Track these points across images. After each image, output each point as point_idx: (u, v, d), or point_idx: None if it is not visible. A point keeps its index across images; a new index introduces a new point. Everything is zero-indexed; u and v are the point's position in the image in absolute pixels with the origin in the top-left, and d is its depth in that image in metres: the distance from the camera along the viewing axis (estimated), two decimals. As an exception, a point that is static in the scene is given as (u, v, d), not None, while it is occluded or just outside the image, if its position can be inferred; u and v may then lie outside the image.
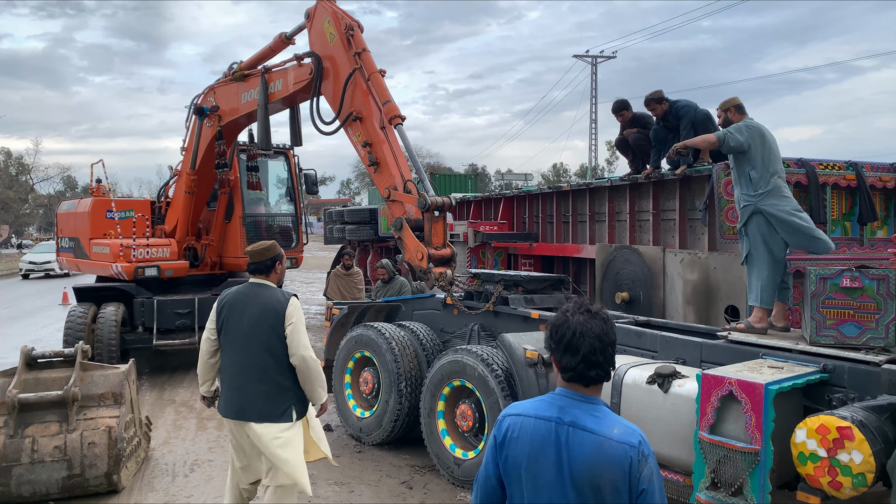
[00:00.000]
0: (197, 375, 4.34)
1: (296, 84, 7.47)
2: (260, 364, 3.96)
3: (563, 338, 2.00)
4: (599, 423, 1.95)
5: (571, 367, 1.99)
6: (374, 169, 6.51)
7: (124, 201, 11.03)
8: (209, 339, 4.14)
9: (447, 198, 6.06)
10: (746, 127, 4.67)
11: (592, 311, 2.03)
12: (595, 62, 40.47)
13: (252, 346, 3.97)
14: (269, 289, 4.11)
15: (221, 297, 4.14)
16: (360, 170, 68.86)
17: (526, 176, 45.88)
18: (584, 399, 2.00)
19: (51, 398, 5.18)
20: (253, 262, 4.14)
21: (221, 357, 4.13)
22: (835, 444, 3.20)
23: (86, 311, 9.13)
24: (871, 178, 6.27)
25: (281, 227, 11.18)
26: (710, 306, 6.25)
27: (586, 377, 1.98)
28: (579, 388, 2.01)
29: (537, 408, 2.05)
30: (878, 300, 3.89)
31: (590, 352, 1.96)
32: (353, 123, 6.64)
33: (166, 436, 6.93)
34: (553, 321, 2.07)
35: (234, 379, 4.01)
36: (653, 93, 7.33)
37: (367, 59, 6.58)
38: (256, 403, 3.94)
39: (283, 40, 8.02)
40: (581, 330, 1.98)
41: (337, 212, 17.31)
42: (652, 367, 4.18)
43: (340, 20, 6.78)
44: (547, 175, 71.58)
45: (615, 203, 8.16)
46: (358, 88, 6.59)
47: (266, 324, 3.97)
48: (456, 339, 6.39)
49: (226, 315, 4.06)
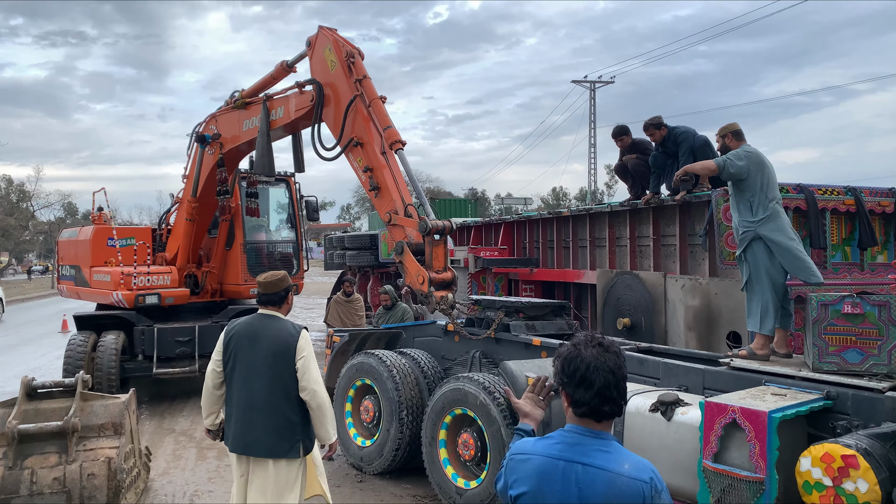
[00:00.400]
0: (198, 405, 4.32)
1: (297, 111, 7.55)
2: (269, 398, 3.86)
3: (577, 371, 1.95)
4: (610, 460, 1.90)
5: (585, 402, 1.94)
6: (376, 194, 6.56)
7: (126, 229, 11.06)
8: (215, 371, 4.02)
9: (448, 221, 6.08)
10: (745, 154, 4.70)
11: (605, 345, 1.99)
12: (593, 87, 40.81)
13: (261, 379, 3.87)
14: (280, 321, 4.02)
15: (229, 329, 4.03)
16: (360, 195, 69.14)
17: (526, 200, 46.04)
18: (593, 435, 1.96)
19: (50, 429, 5.14)
20: (264, 293, 4.03)
21: (228, 390, 4.01)
22: (840, 472, 3.18)
23: (86, 340, 9.10)
24: (870, 202, 6.30)
25: (282, 254, 11.19)
26: (711, 332, 6.24)
27: (600, 412, 1.94)
28: (590, 424, 1.97)
29: (546, 447, 1.99)
30: (880, 326, 3.88)
31: (604, 386, 1.92)
32: (355, 149, 6.70)
33: (166, 466, 6.87)
34: (565, 354, 2.02)
35: (243, 413, 3.90)
36: (652, 118, 7.40)
37: (368, 86, 6.66)
38: (265, 439, 3.85)
39: (284, 68, 8.11)
40: (595, 364, 1.94)
41: (337, 237, 17.33)
42: (655, 394, 4.16)
43: (341, 48, 6.88)
44: (547, 199, 71.83)
45: (615, 228, 8.18)
46: (359, 115, 6.66)
47: (277, 357, 3.88)
48: (457, 366, 6.36)
49: (234, 347, 3.95)
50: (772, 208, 4.65)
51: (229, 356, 3.95)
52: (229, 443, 3.98)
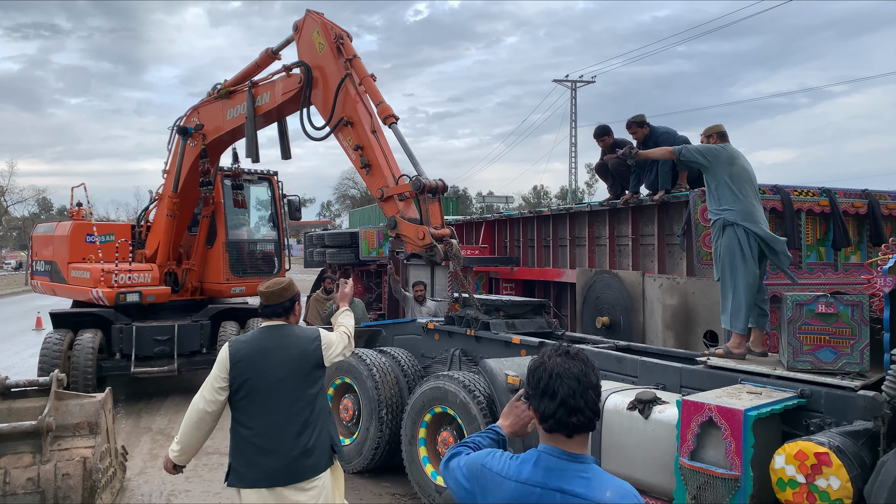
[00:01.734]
0: (176, 403, 4.06)
1: (284, 94, 7.53)
2: (298, 417, 3.43)
3: (540, 381, 1.86)
4: (591, 487, 1.77)
5: (550, 414, 1.82)
6: (367, 171, 6.57)
7: (105, 225, 10.92)
8: (217, 400, 3.43)
9: (440, 180, 6.06)
10: (707, 148, 4.82)
11: (571, 353, 1.89)
12: (575, 87, 41.00)
13: (286, 399, 3.43)
14: (292, 330, 3.60)
15: (234, 351, 3.47)
16: (340, 191, 68.93)
17: (507, 198, 46.16)
18: (570, 458, 1.82)
19: (24, 428, 5.06)
20: (268, 305, 3.58)
21: (239, 418, 3.45)
22: (813, 469, 3.23)
23: (62, 338, 8.97)
24: (844, 203, 6.41)
25: (263, 253, 11.13)
26: (689, 331, 6.31)
27: (567, 425, 1.81)
28: (562, 442, 1.84)
29: (519, 470, 1.86)
30: (853, 325, 3.95)
31: (568, 395, 1.80)
32: (344, 128, 6.72)
33: (142, 465, 6.81)
34: (530, 365, 1.94)
35: (268, 442, 3.38)
36: (635, 116, 7.45)
37: (358, 65, 6.72)
38: (305, 461, 3.40)
39: (269, 55, 8.09)
40: (558, 371, 1.84)
41: (317, 235, 17.25)
42: (632, 392, 4.19)
43: (330, 30, 6.92)
44: (528, 197, 72.11)
45: (595, 228, 8.24)
46: (348, 95, 6.69)
47: (303, 371, 3.49)
48: (437, 364, 6.37)
49: (246, 370, 3.42)
50: (740, 202, 4.68)
51: (239, 381, 3.42)
52: (251, 480, 3.37)
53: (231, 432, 3.48)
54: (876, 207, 6.54)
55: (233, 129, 8.64)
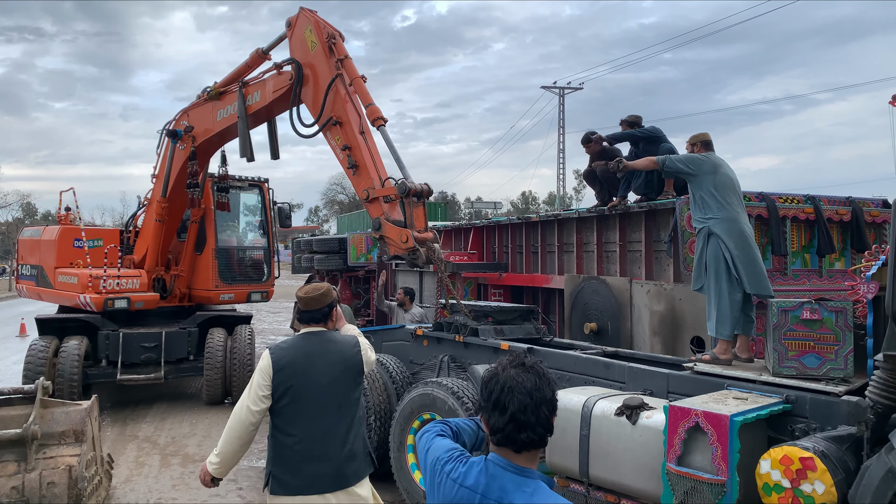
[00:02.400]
0: (162, 410, 4.06)
1: (275, 92, 7.56)
2: (343, 422, 3.45)
3: (492, 394, 1.79)
4: (530, 501, 1.72)
5: (499, 428, 1.76)
6: (353, 172, 6.58)
7: (93, 230, 10.86)
8: (261, 409, 3.36)
9: (425, 184, 6.08)
10: (690, 158, 4.91)
11: (527, 365, 1.81)
12: (562, 93, 41.22)
13: (331, 404, 3.43)
14: (333, 336, 3.61)
15: (277, 358, 3.42)
16: (328, 197, 68.86)
17: (496, 204, 46.25)
18: (515, 470, 1.76)
19: (9, 437, 5.02)
20: (307, 311, 3.57)
21: (283, 426, 3.39)
22: (798, 474, 3.27)
23: (47, 346, 8.88)
24: (829, 211, 6.49)
25: (253, 260, 11.09)
26: (676, 337, 6.35)
27: (516, 441, 1.75)
28: (510, 455, 1.78)
29: (465, 475, 1.84)
30: (837, 332, 4.00)
31: (519, 410, 1.73)
32: (333, 128, 6.73)
33: (128, 473, 6.76)
34: (484, 375, 1.87)
35: (315, 448, 3.35)
36: (631, 115, 7.53)
37: (349, 66, 6.74)
38: (350, 466, 3.41)
39: (259, 55, 8.11)
40: (511, 385, 1.76)
41: (305, 241, 17.21)
42: (620, 398, 4.22)
43: (322, 29, 6.94)
44: (516, 203, 72.33)
45: (583, 234, 8.28)
46: (338, 95, 6.70)
47: (348, 376, 3.51)
48: (426, 370, 6.37)
49: (290, 377, 3.38)
50: (725, 212, 4.75)
51: (283, 388, 3.37)
52: (297, 487, 3.32)
53: (270, 440, 3.43)
54: (859, 215, 6.62)
55: (222, 130, 8.65)
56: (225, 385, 9.59)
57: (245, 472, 6.68)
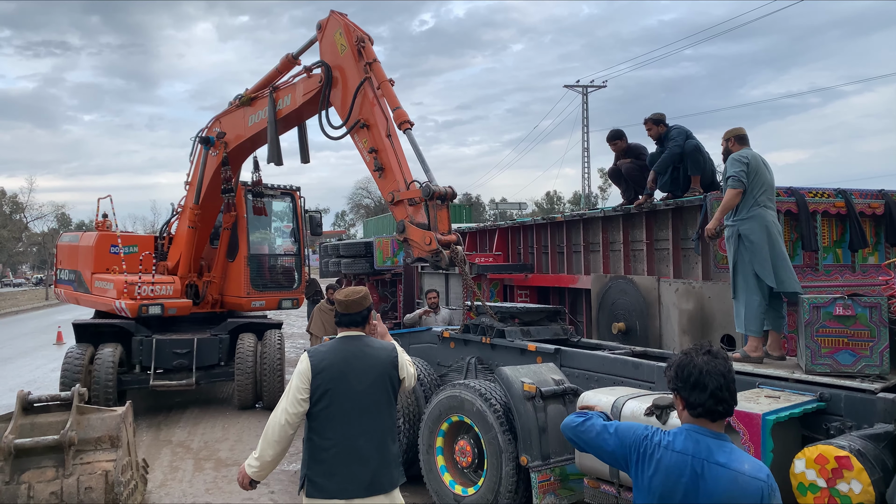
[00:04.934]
0: (195, 415, 4.09)
1: (305, 95, 7.67)
2: (379, 427, 3.44)
3: (690, 376, 2.20)
4: (731, 458, 2.14)
5: (700, 404, 2.18)
6: (380, 174, 6.64)
7: (129, 236, 11.06)
8: (299, 412, 3.37)
9: (449, 187, 6.09)
10: (740, 171, 4.77)
11: (713, 352, 2.23)
12: (586, 92, 40.97)
13: (369, 409, 3.43)
14: (371, 341, 3.59)
15: (316, 361, 3.42)
16: (354, 201, 69.26)
17: (520, 205, 46.12)
18: (713, 435, 2.20)
19: (47, 443, 5.14)
20: (346, 314, 3.55)
21: (321, 429, 3.39)
22: (834, 473, 3.21)
23: (83, 353, 9.07)
24: (860, 204, 6.35)
25: (284, 268, 11.20)
26: (705, 335, 6.26)
27: (714, 412, 2.18)
28: (707, 424, 2.20)
29: (673, 442, 2.23)
30: (872, 328, 3.92)
31: (717, 388, 2.16)
32: (361, 131, 6.81)
33: (163, 478, 6.86)
34: (677, 362, 2.27)
35: (352, 452, 3.36)
36: (655, 113, 7.41)
37: (378, 70, 6.80)
38: (386, 472, 3.41)
39: (289, 60, 8.24)
40: (707, 368, 2.18)
41: (332, 245, 17.37)
42: (650, 398, 4.18)
43: (352, 32, 7.01)
44: (541, 203, 72.05)
45: (609, 233, 8.22)
46: (366, 98, 6.77)
47: (383, 382, 3.49)
48: (453, 372, 6.38)
49: (328, 381, 3.38)
50: (755, 211, 4.71)
51: (321, 391, 3.38)
52: (331, 489, 3.32)
53: (306, 443, 3.43)
54: (893, 208, 6.48)
55: (254, 135, 8.78)
56: (256, 390, 9.70)
57: (277, 475, 6.74)
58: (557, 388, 4.97)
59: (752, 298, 4.67)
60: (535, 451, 4.75)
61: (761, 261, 4.67)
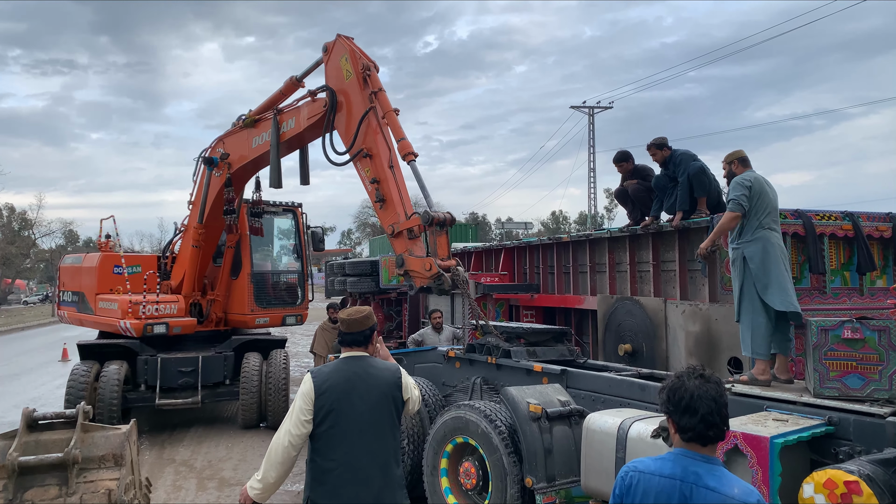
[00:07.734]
0: (199, 434, 4.09)
1: (309, 118, 7.66)
2: (383, 449, 3.40)
3: (682, 400, 2.18)
4: (720, 482, 2.11)
5: (690, 428, 2.16)
6: (381, 206, 6.65)
7: (132, 256, 11.10)
8: (302, 433, 3.33)
9: (448, 213, 6.12)
10: (742, 195, 4.76)
11: (706, 376, 2.22)
12: (592, 113, 41.14)
13: (372, 430, 3.39)
14: (374, 361, 3.56)
15: (320, 382, 3.39)
16: (360, 220, 69.44)
17: (526, 224, 46.14)
18: (703, 459, 2.17)
19: (51, 461, 5.11)
20: (349, 333, 3.53)
21: (324, 450, 3.35)
22: (843, 498, 3.17)
23: (88, 370, 9.08)
24: (868, 227, 6.34)
25: (287, 284, 11.22)
26: (712, 358, 6.23)
27: (705, 437, 2.16)
28: (697, 448, 2.18)
29: (660, 467, 2.22)
30: (880, 351, 3.89)
31: (708, 413, 2.14)
32: (363, 160, 6.81)
33: (166, 497, 6.83)
34: (669, 385, 2.25)
35: (355, 473, 3.31)
36: (657, 138, 7.44)
37: (383, 99, 6.78)
38: (388, 493, 3.37)
39: (293, 83, 8.26)
40: (698, 393, 2.16)
41: (338, 264, 17.36)
42: (656, 420, 4.15)
43: (358, 59, 6.99)
44: (547, 223, 72.07)
45: (615, 254, 8.21)
46: (370, 127, 6.77)
47: (388, 403, 3.45)
48: (458, 392, 6.35)
49: (332, 401, 3.35)
50: (760, 234, 4.71)
51: (324, 412, 3.34)
52: None
53: (309, 464, 3.39)
54: (901, 230, 6.46)
55: (257, 157, 8.80)
56: (260, 409, 9.67)
57: (280, 495, 6.70)
58: (563, 409, 4.94)
59: (759, 321, 4.65)
60: (540, 473, 4.71)
61: (765, 283, 4.65)
